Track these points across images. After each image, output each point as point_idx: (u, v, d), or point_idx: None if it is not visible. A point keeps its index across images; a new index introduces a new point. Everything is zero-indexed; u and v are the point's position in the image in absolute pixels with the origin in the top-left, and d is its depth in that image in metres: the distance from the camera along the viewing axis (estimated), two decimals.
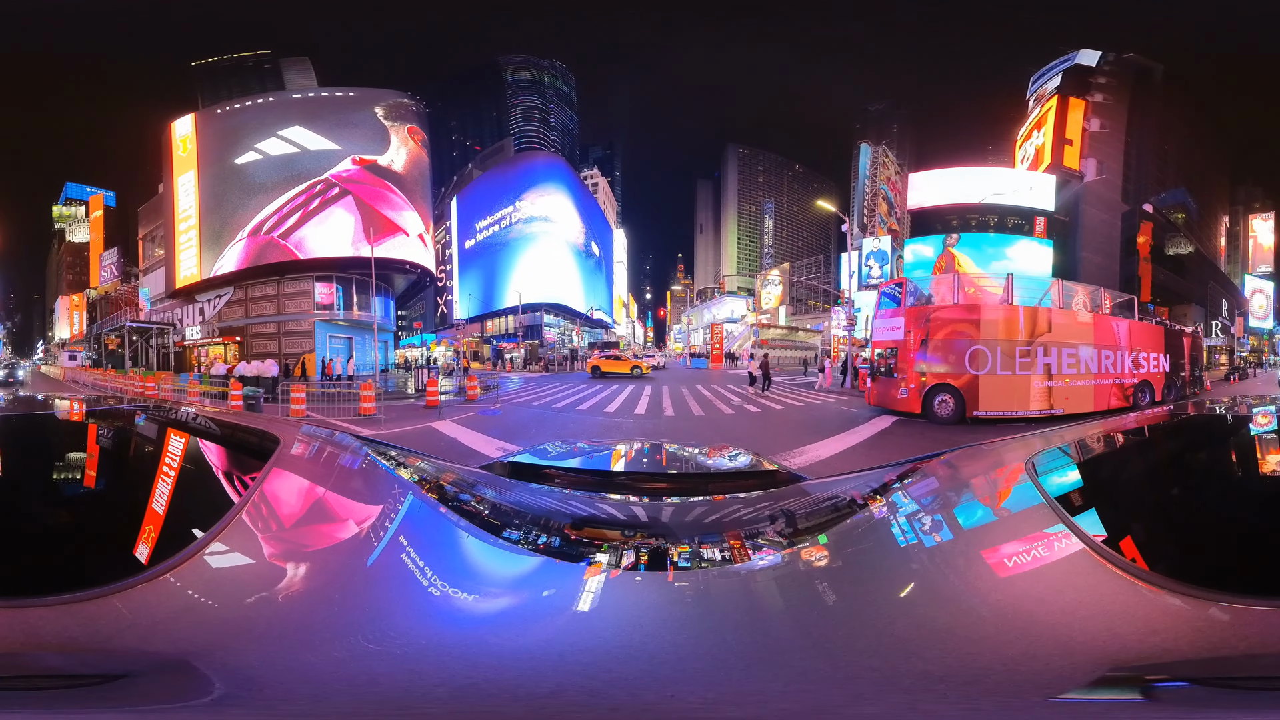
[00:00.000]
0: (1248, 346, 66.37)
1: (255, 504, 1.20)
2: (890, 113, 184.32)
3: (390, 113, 45.47)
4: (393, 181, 44.38)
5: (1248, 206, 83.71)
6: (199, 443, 1.73)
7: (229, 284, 43.01)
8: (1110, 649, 0.77)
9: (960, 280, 15.98)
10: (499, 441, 10.34)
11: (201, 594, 0.90)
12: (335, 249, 41.37)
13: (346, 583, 1.00)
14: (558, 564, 1.11)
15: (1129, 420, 2.56)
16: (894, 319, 15.45)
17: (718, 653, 0.81)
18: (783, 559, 1.16)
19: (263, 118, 44.11)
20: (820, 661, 0.79)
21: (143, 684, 0.71)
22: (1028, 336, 14.22)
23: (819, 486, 1.81)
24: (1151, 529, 1.19)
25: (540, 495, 1.70)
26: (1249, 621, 0.80)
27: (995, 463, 1.66)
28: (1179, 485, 1.54)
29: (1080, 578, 0.95)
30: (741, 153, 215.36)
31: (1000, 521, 1.29)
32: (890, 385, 15.08)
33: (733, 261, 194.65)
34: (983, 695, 0.70)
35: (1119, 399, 15.32)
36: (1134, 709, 0.70)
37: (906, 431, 12.53)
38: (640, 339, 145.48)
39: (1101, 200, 56.09)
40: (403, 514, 1.35)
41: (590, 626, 0.89)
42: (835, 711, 0.69)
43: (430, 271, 49.23)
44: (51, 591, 0.83)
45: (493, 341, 67.83)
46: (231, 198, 42.76)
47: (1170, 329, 18.81)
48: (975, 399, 13.86)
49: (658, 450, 2.82)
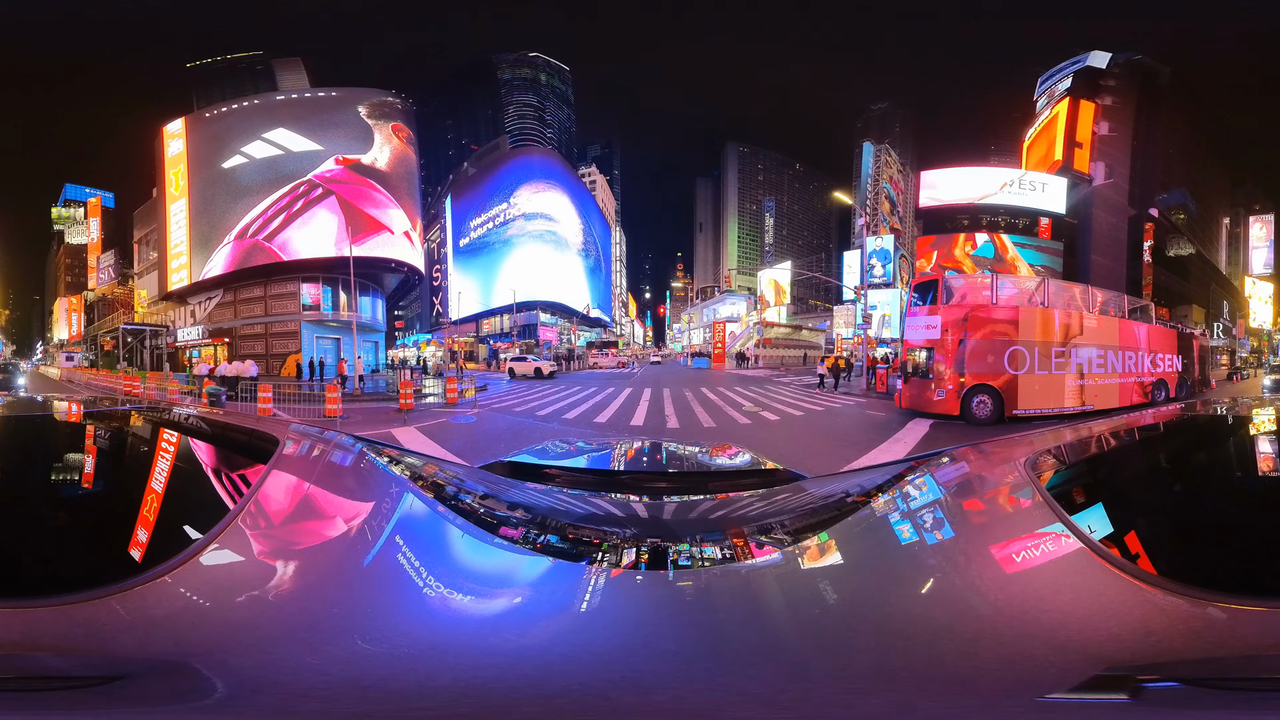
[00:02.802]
0: (1248, 347, 66.45)
1: (254, 505, 1.19)
2: (893, 112, 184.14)
3: (374, 111, 45.65)
4: (377, 180, 44.54)
5: (1248, 208, 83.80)
6: (198, 444, 1.73)
7: (218, 287, 43.42)
8: (1106, 649, 0.77)
9: (996, 280, 16.01)
10: (452, 457, 8.72)
11: (201, 595, 0.90)
12: (319, 249, 41.62)
13: (346, 583, 1.00)
14: (558, 563, 1.10)
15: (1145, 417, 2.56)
16: (928, 318, 15.30)
17: (719, 652, 0.81)
18: (783, 557, 1.16)
19: (248, 121, 44.50)
20: (819, 659, 0.79)
21: (142, 685, 0.71)
22: (1063, 339, 14.90)
23: (819, 485, 1.81)
24: (1153, 528, 1.19)
25: (540, 494, 1.70)
26: (1246, 622, 0.80)
27: (995, 461, 1.65)
28: (1181, 483, 1.54)
29: (1078, 577, 0.95)
30: (742, 151, 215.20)
31: (999, 520, 1.29)
32: (923, 387, 14.91)
33: (733, 260, 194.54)
34: (974, 694, 0.71)
35: (1139, 395, 16.56)
36: (1120, 709, 0.70)
37: (951, 436, 11.84)
38: (640, 338, 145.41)
39: (1109, 204, 56.22)
40: (402, 514, 1.35)
41: (592, 626, 0.89)
42: (832, 710, 0.69)
43: (418, 269, 49.31)
44: (50, 592, 0.83)
45: (489, 341, 67.76)
46: (219, 201, 43.21)
47: (1182, 332, 20.03)
48: (1014, 398, 14.07)
49: (658, 449, 2.82)
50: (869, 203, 67.80)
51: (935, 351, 14.77)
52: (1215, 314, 66.63)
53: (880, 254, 60.69)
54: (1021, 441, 1.74)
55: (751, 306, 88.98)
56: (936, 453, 1.78)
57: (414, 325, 73.74)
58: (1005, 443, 1.76)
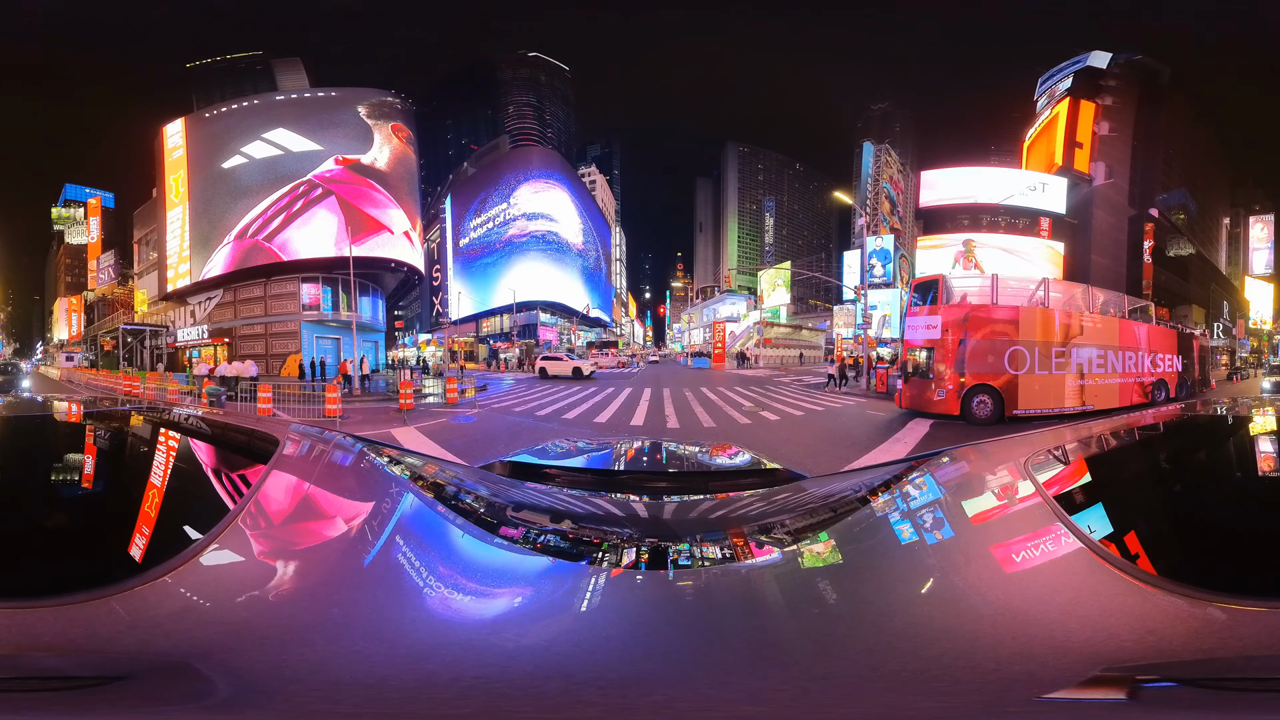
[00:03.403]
0: (1248, 347, 66.47)
1: (254, 505, 1.19)
2: (893, 112, 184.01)
3: (373, 111, 45.73)
4: (376, 180, 44.62)
5: (1248, 208, 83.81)
6: (198, 444, 1.73)
7: (218, 287, 43.45)
8: (1105, 649, 0.77)
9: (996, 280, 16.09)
10: (453, 458, 9.46)
11: (201, 595, 0.90)
12: (319, 249, 41.67)
13: (347, 583, 1.00)
14: (558, 563, 1.10)
15: (1145, 417, 2.55)
16: (929, 318, 15.37)
17: (719, 651, 0.81)
18: (783, 557, 1.17)
19: (247, 121, 44.57)
20: (818, 659, 0.79)
21: (143, 686, 0.71)
22: (1063, 339, 14.94)
23: (819, 484, 1.81)
24: (1153, 528, 1.19)
25: (540, 494, 1.70)
26: (1246, 623, 0.80)
27: (995, 461, 1.65)
28: (1181, 483, 1.54)
29: (1078, 577, 0.95)
30: (742, 151, 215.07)
31: (999, 520, 1.28)
32: (924, 387, 14.97)
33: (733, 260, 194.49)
34: (972, 693, 0.71)
35: (1139, 395, 16.65)
36: (1117, 709, 0.70)
37: (951, 436, 11.94)
38: (640, 338, 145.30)
39: (1110, 204, 56.28)
40: (402, 514, 1.35)
41: (592, 625, 0.89)
42: (832, 709, 0.69)
43: (418, 269, 49.37)
44: (50, 593, 0.83)
45: (489, 341, 67.73)
46: (219, 201, 43.28)
47: (1182, 332, 20.13)
48: (1015, 398, 14.12)
49: (658, 449, 2.82)
50: (869, 203, 67.76)
51: (935, 351, 14.80)
52: (1215, 314, 66.66)
53: (880, 254, 60.64)
54: (1021, 441, 1.74)
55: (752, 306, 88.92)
56: (936, 453, 1.77)
57: (414, 325, 73.67)
58: (1005, 443, 1.76)
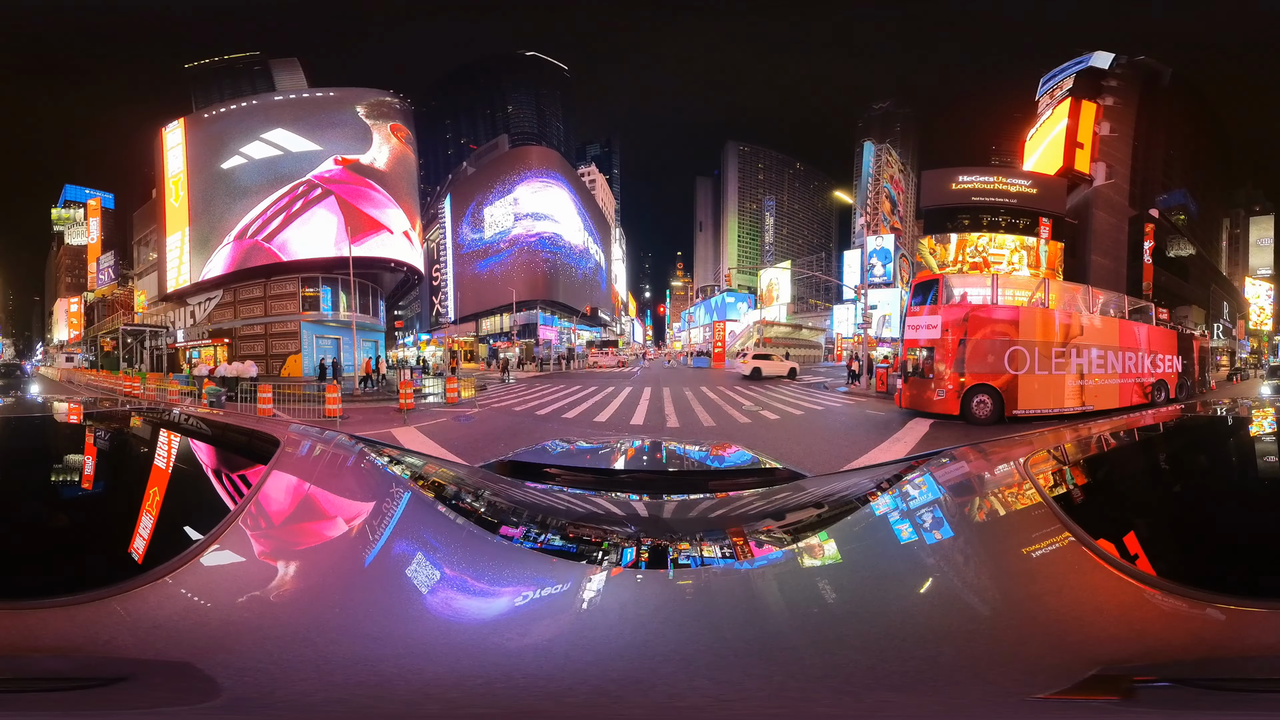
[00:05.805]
0: (1248, 348, 66.49)
1: (255, 506, 1.19)
2: (894, 111, 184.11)
3: (372, 111, 45.62)
4: (375, 179, 44.51)
5: (1248, 209, 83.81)
6: (198, 445, 1.73)
7: (218, 287, 43.39)
8: (1104, 649, 0.77)
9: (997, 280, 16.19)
10: (453, 457, 9.50)
11: (202, 596, 0.90)
12: (318, 250, 41.55)
13: (347, 583, 1.00)
14: (558, 562, 1.10)
15: (1145, 417, 2.55)
16: (929, 318, 15.38)
17: (719, 650, 0.81)
18: (783, 556, 1.17)
19: (246, 121, 44.43)
20: (819, 658, 0.79)
21: (143, 686, 0.70)
22: (1063, 339, 14.96)
23: (819, 483, 1.81)
24: (1152, 528, 1.19)
25: (540, 494, 1.70)
26: (1244, 623, 0.80)
27: (995, 461, 1.65)
28: (1181, 483, 1.54)
29: (1077, 577, 0.95)
30: (742, 150, 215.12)
31: (998, 520, 1.29)
32: (923, 386, 14.98)
33: (733, 259, 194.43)
34: (970, 693, 0.71)
35: (1139, 396, 16.65)
36: (1111, 709, 0.70)
37: (951, 435, 11.91)
38: (640, 337, 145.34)
39: (1110, 204, 56.32)
40: (402, 514, 1.35)
41: (593, 625, 0.89)
42: (831, 709, 0.69)
43: (418, 269, 49.37)
44: (50, 594, 0.82)
45: (489, 341, 67.71)
46: (218, 202, 43.18)
47: (1182, 333, 20.14)
48: (1014, 398, 14.12)
49: (658, 448, 2.82)
50: (869, 202, 67.80)
51: (935, 351, 14.80)
52: (1215, 315, 66.66)
53: (880, 254, 60.70)
54: (1021, 441, 1.74)
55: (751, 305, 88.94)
56: (936, 452, 1.77)
57: (414, 325, 73.65)
58: (1005, 443, 1.76)
